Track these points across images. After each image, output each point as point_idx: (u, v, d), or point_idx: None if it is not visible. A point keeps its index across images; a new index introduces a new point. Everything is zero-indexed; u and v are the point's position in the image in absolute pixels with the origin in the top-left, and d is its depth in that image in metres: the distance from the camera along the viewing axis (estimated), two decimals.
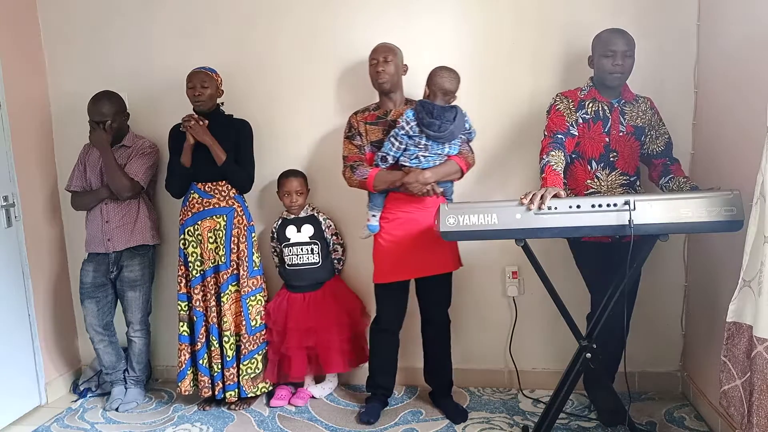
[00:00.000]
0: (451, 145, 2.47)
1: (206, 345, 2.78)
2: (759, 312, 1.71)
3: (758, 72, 2.03)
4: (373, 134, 2.57)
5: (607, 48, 2.30)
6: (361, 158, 2.58)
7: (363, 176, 2.51)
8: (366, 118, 2.60)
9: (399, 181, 2.45)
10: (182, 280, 2.79)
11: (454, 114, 2.40)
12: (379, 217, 2.56)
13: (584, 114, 2.37)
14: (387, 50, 2.52)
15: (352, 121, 2.62)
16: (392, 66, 2.50)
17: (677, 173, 2.37)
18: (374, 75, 2.53)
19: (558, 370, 2.80)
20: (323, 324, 2.79)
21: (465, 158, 2.53)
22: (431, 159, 2.45)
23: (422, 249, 2.49)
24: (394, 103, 2.58)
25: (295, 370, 2.81)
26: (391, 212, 2.55)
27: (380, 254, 2.59)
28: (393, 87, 2.54)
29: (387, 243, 2.56)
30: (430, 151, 2.43)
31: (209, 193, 2.74)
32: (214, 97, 2.72)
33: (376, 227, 2.57)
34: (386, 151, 2.47)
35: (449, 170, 2.49)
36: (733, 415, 1.87)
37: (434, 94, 2.41)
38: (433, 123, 2.36)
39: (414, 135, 2.41)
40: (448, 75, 2.41)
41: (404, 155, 2.46)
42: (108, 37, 3.06)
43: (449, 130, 2.38)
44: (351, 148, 2.60)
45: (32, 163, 3.03)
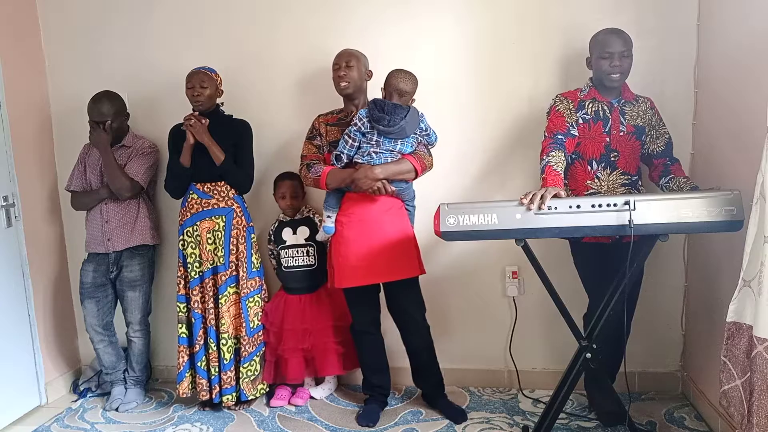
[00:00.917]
0: (404, 143, 2.46)
1: (204, 347, 2.77)
2: (759, 312, 1.71)
3: (758, 72, 2.03)
4: (332, 135, 2.59)
5: (603, 50, 2.31)
6: (318, 157, 2.59)
7: (317, 174, 2.52)
8: (328, 119, 2.62)
9: (350, 178, 2.44)
10: (181, 281, 2.78)
11: (406, 112, 2.40)
12: (335, 219, 2.55)
13: (584, 114, 2.37)
14: (349, 56, 2.53)
15: (315, 122, 2.65)
16: (354, 71, 2.51)
17: (677, 173, 2.37)
18: (336, 80, 2.54)
19: (558, 370, 2.80)
20: (319, 326, 2.79)
21: (420, 158, 2.50)
22: (383, 156, 2.43)
23: (380, 254, 2.46)
24: (357, 106, 2.59)
25: (292, 371, 2.81)
26: (346, 213, 2.53)
27: (337, 258, 2.55)
28: (355, 92, 2.55)
29: (344, 246, 2.52)
30: (382, 147, 2.43)
31: (208, 193, 2.74)
32: (213, 98, 2.72)
33: (331, 228, 2.55)
34: (341, 149, 2.47)
35: (401, 168, 2.46)
36: (733, 415, 1.87)
37: (390, 94, 2.44)
38: (382, 117, 2.36)
39: (366, 131, 2.42)
40: (403, 76, 2.44)
41: (358, 153, 2.46)
42: (108, 37, 3.06)
43: (399, 125, 2.38)
44: (310, 148, 2.62)
45: (32, 163, 3.03)
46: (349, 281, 2.52)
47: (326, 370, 2.85)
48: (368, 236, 2.48)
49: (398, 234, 2.50)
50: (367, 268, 2.48)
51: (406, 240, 2.52)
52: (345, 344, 2.83)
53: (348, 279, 2.52)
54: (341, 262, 2.53)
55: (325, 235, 2.60)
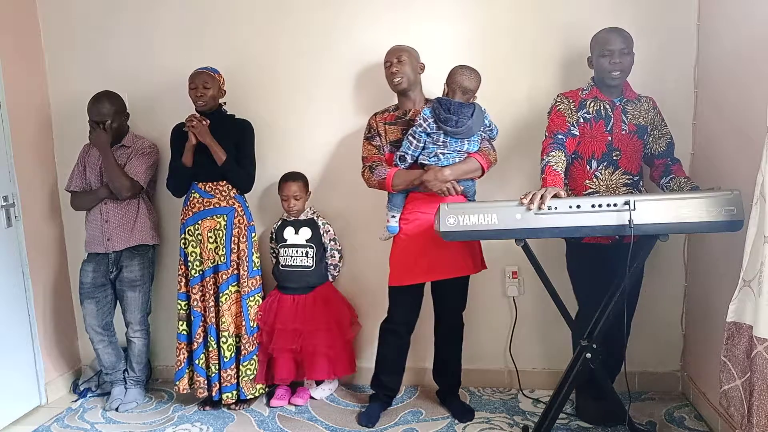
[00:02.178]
0: (471, 142, 2.44)
1: (203, 345, 2.77)
2: (759, 312, 1.71)
3: (758, 72, 2.03)
4: (392, 134, 2.55)
5: (604, 48, 2.31)
6: (380, 158, 2.55)
7: (381, 176, 2.48)
8: (385, 118, 2.58)
9: (418, 180, 2.42)
10: (182, 279, 2.79)
11: (472, 110, 2.37)
12: (399, 218, 2.53)
13: (585, 113, 2.37)
14: (400, 51, 2.51)
15: (372, 122, 2.60)
16: (407, 66, 2.49)
17: (678, 173, 2.37)
18: (389, 76, 2.51)
19: (558, 370, 2.80)
20: (309, 328, 2.78)
21: (486, 155, 2.48)
22: (450, 156, 2.41)
23: (442, 252, 2.44)
24: (413, 102, 2.55)
25: (280, 371, 2.80)
26: (411, 213, 2.51)
27: (398, 256, 2.54)
28: (410, 86, 2.51)
29: (406, 245, 2.51)
30: (449, 148, 2.40)
31: (210, 192, 2.74)
32: (216, 98, 2.73)
33: (395, 228, 2.53)
34: (404, 150, 2.44)
35: (469, 168, 2.45)
36: (733, 415, 1.87)
37: (453, 91, 2.39)
38: (450, 118, 2.33)
39: (432, 132, 2.39)
40: (468, 73, 2.40)
41: (423, 153, 2.43)
42: (108, 37, 3.06)
43: (467, 125, 2.36)
44: (370, 149, 2.57)
45: (32, 163, 3.03)
46: (409, 279, 2.51)
47: (314, 373, 2.83)
48: (434, 235, 2.42)
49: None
50: (429, 266, 2.47)
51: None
52: (336, 350, 2.82)
53: (408, 277, 2.51)
54: (401, 260, 2.52)
55: (388, 235, 2.58)
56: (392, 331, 2.66)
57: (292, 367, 2.82)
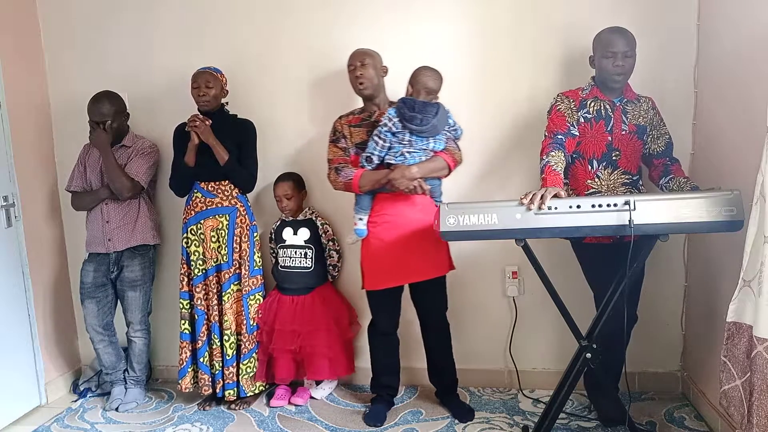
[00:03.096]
0: (436, 141, 2.45)
1: (207, 343, 2.78)
2: (759, 312, 1.71)
3: (758, 72, 2.03)
4: (357, 136, 2.56)
5: (607, 49, 2.30)
6: (345, 160, 2.56)
7: (348, 177, 2.48)
8: (350, 121, 2.59)
9: (385, 179, 2.41)
10: (184, 278, 2.79)
11: (436, 109, 2.40)
12: (366, 221, 2.53)
13: (586, 113, 2.37)
14: (363, 55, 2.52)
15: (336, 125, 2.61)
16: (370, 69, 2.50)
17: (677, 173, 2.37)
18: (353, 80, 2.52)
19: (558, 370, 2.80)
20: (309, 329, 2.78)
21: (452, 154, 2.50)
22: (417, 155, 2.43)
23: (413, 253, 2.46)
24: (378, 105, 2.57)
25: (280, 371, 2.80)
26: (379, 214, 2.51)
27: (369, 260, 2.54)
28: (374, 90, 2.53)
29: (376, 248, 2.51)
30: (415, 146, 2.42)
31: (212, 192, 2.74)
32: (218, 98, 2.73)
33: (363, 231, 2.53)
34: (371, 150, 2.45)
35: (436, 166, 2.46)
36: (733, 415, 1.87)
37: (417, 92, 2.42)
38: (414, 117, 2.35)
39: (397, 131, 2.40)
40: (432, 74, 2.43)
41: (389, 153, 2.44)
42: (108, 37, 3.06)
43: (431, 123, 2.38)
44: (336, 151, 2.58)
45: (32, 163, 3.03)
46: (383, 282, 2.50)
47: (314, 373, 2.84)
48: (403, 236, 2.46)
49: (432, 231, 2.48)
50: (399, 270, 2.47)
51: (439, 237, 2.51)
52: (336, 350, 2.83)
53: (382, 280, 2.50)
54: (373, 264, 2.52)
55: (356, 238, 2.57)
56: (378, 334, 2.68)
57: (292, 367, 2.82)
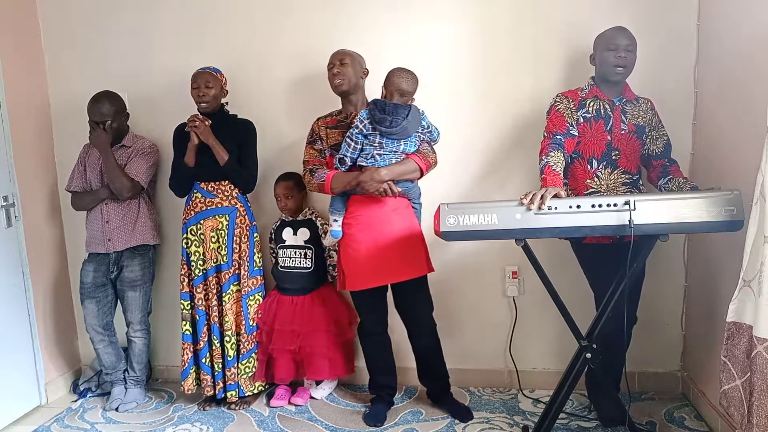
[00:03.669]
0: (407, 143, 2.44)
1: (208, 344, 2.78)
2: (759, 312, 1.71)
3: (758, 72, 2.03)
4: (332, 138, 2.56)
5: (610, 42, 2.31)
6: (320, 162, 2.56)
7: (321, 179, 2.48)
8: (327, 122, 2.60)
9: (355, 181, 2.41)
10: (185, 279, 2.79)
11: (407, 111, 2.38)
12: (341, 222, 2.53)
13: (585, 113, 2.37)
14: (343, 54, 2.52)
15: (314, 126, 2.62)
16: (349, 68, 2.49)
17: (676, 174, 2.37)
18: (331, 78, 2.52)
19: (558, 370, 2.81)
20: (308, 329, 2.78)
21: (424, 157, 2.48)
22: (387, 157, 2.42)
23: (389, 254, 2.45)
24: (355, 106, 2.57)
25: (280, 371, 2.80)
26: (353, 216, 2.51)
27: (347, 261, 2.53)
28: (351, 89, 2.52)
29: (352, 249, 2.50)
30: (385, 149, 2.41)
31: (212, 192, 2.74)
32: (218, 98, 2.73)
33: (339, 233, 2.53)
34: (343, 152, 2.44)
35: (406, 169, 2.45)
36: (733, 415, 1.87)
37: (390, 94, 2.41)
38: (384, 119, 2.34)
39: (368, 133, 2.40)
40: (405, 75, 2.41)
41: (361, 155, 2.43)
42: (108, 37, 3.06)
43: (401, 126, 2.36)
44: (311, 153, 2.59)
45: (32, 163, 3.03)
46: (361, 284, 2.50)
47: (314, 374, 2.84)
48: (377, 237, 2.46)
49: (407, 233, 2.49)
50: (378, 270, 2.47)
51: (415, 238, 2.51)
52: (335, 350, 2.83)
53: (359, 281, 2.50)
54: (351, 265, 2.51)
55: (332, 240, 2.57)
56: (368, 334, 2.68)
57: (292, 367, 2.82)
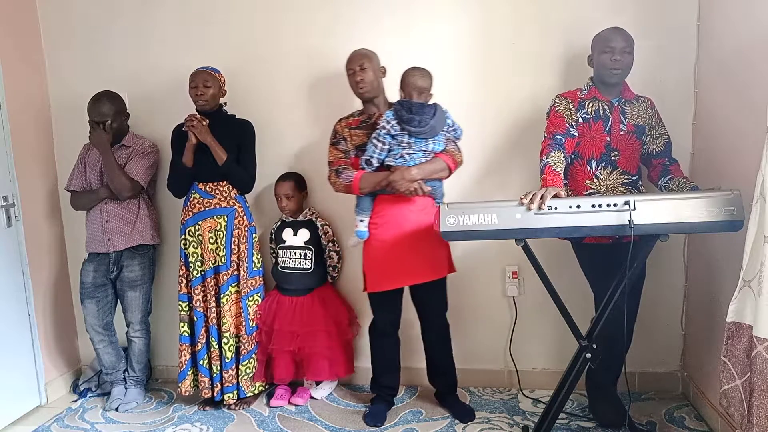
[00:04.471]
0: (435, 142, 2.45)
1: (206, 346, 2.78)
2: (759, 312, 1.71)
3: (758, 72, 2.03)
4: (357, 138, 2.55)
5: (606, 44, 2.31)
6: (346, 162, 2.55)
7: (348, 180, 2.48)
8: (350, 123, 2.59)
9: (385, 181, 2.41)
10: (183, 280, 2.79)
11: (433, 110, 2.40)
12: (367, 222, 2.52)
13: (584, 114, 2.37)
14: (362, 57, 2.51)
15: (337, 127, 2.61)
16: (369, 72, 2.49)
17: (676, 173, 2.37)
18: (353, 84, 2.52)
19: (558, 370, 2.80)
20: (308, 330, 2.78)
21: (452, 155, 2.50)
22: (416, 156, 2.42)
23: (414, 255, 2.45)
24: (378, 107, 2.57)
25: (279, 371, 2.80)
26: (380, 216, 2.51)
27: (371, 262, 2.54)
28: (374, 92, 2.53)
29: (377, 249, 2.50)
30: (414, 148, 2.41)
31: (210, 193, 2.74)
32: (216, 97, 2.73)
33: (365, 233, 2.53)
34: (370, 153, 2.44)
35: (436, 167, 2.46)
36: (733, 415, 1.87)
37: (409, 93, 2.41)
38: (412, 119, 2.35)
39: (396, 134, 2.40)
40: (420, 73, 2.42)
41: (389, 156, 2.43)
42: (108, 37, 3.06)
43: (429, 125, 2.37)
44: (336, 153, 2.57)
45: (32, 163, 3.03)
46: (385, 284, 2.50)
47: (314, 374, 2.84)
48: (404, 237, 2.46)
49: (432, 233, 2.48)
50: (403, 270, 2.47)
51: (440, 238, 2.50)
52: (335, 350, 2.83)
53: (384, 282, 2.50)
54: (376, 265, 2.51)
55: (357, 240, 2.56)
56: (380, 334, 2.68)
57: (291, 368, 2.82)
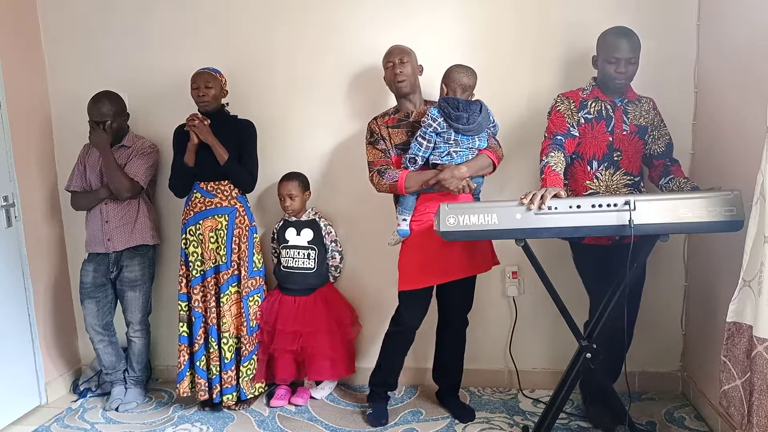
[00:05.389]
0: (480, 139, 2.43)
1: (204, 346, 2.77)
2: (759, 312, 1.71)
3: (758, 72, 2.03)
4: (396, 137, 2.51)
5: (611, 54, 2.28)
6: (387, 162, 2.50)
7: (393, 179, 2.43)
8: (387, 122, 2.54)
9: (433, 179, 2.38)
10: (183, 279, 2.79)
11: (479, 106, 2.38)
12: (410, 221, 2.49)
13: (587, 114, 2.37)
14: (402, 52, 2.49)
15: (373, 126, 2.55)
16: (409, 67, 2.47)
17: (677, 174, 2.37)
18: (392, 77, 2.49)
19: (558, 370, 2.81)
20: (311, 329, 2.78)
21: (495, 151, 2.48)
22: (464, 154, 2.40)
23: (455, 250, 2.42)
24: (414, 104, 2.54)
25: (281, 371, 2.80)
26: (425, 214, 2.46)
27: (410, 258, 2.50)
28: (412, 88, 2.50)
29: (418, 246, 2.47)
30: (461, 146, 2.39)
31: (212, 192, 2.74)
32: (218, 98, 2.73)
33: (407, 231, 2.49)
34: (414, 152, 2.40)
35: (482, 164, 2.43)
36: (733, 415, 1.87)
37: (453, 90, 2.38)
38: (461, 116, 2.32)
39: (442, 131, 2.37)
40: (465, 71, 2.40)
41: (434, 153, 2.40)
42: (108, 37, 3.06)
43: (477, 122, 2.35)
44: (376, 153, 2.51)
45: (32, 163, 3.03)
46: (427, 281, 2.48)
47: (316, 374, 2.84)
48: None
49: None
50: (445, 267, 2.44)
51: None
52: (337, 350, 2.83)
53: (421, 279, 2.47)
54: (416, 263, 2.47)
55: (399, 239, 2.53)
56: (400, 333, 2.62)
57: (293, 368, 2.83)
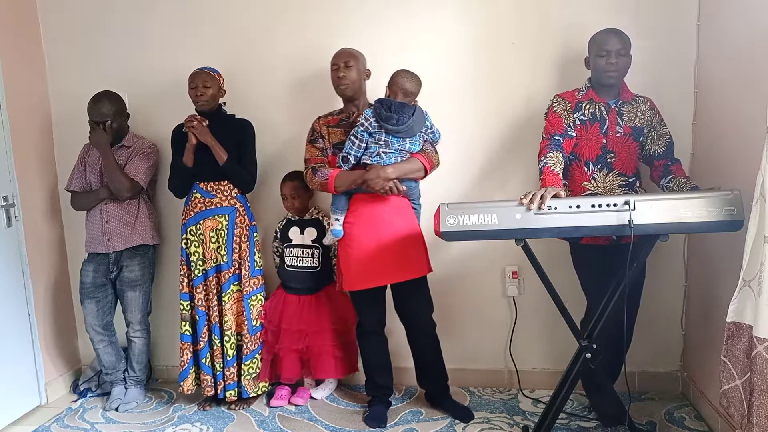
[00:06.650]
0: (412, 142, 2.45)
1: (208, 344, 2.78)
2: (759, 312, 1.71)
3: (758, 72, 2.03)
4: (335, 137, 2.55)
5: (601, 48, 2.31)
6: (322, 160, 2.55)
7: (324, 177, 2.47)
8: (328, 121, 2.59)
9: (360, 179, 2.40)
10: (184, 279, 2.79)
11: (412, 110, 2.40)
12: (343, 221, 2.52)
13: (581, 116, 2.37)
14: (348, 56, 2.50)
15: (315, 124, 2.60)
16: (353, 71, 2.49)
17: (678, 173, 2.37)
18: (335, 80, 2.51)
19: (558, 370, 2.80)
20: (316, 328, 2.79)
21: (428, 156, 2.49)
22: (393, 156, 2.42)
23: (390, 254, 2.45)
24: (357, 107, 2.57)
25: (286, 371, 2.81)
26: (355, 215, 2.50)
27: (347, 260, 2.52)
28: (355, 93, 2.53)
29: (353, 248, 2.49)
30: (391, 147, 2.41)
31: (211, 192, 2.74)
32: (216, 98, 2.73)
33: (340, 232, 2.52)
34: (347, 150, 2.45)
35: (412, 167, 2.45)
36: (733, 415, 1.87)
37: (395, 93, 2.42)
38: (390, 117, 2.35)
39: (374, 131, 2.40)
40: (410, 77, 2.43)
41: (366, 153, 2.44)
42: (108, 37, 3.06)
43: (407, 124, 2.38)
44: (313, 151, 2.57)
45: (32, 163, 3.03)
46: (360, 283, 2.49)
47: (321, 373, 2.85)
48: (378, 237, 2.45)
49: (408, 233, 2.48)
50: (378, 270, 2.46)
51: (416, 239, 2.51)
52: (342, 349, 2.83)
53: (358, 281, 2.49)
54: (351, 264, 2.50)
55: (333, 239, 2.57)
56: (367, 334, 2.67)
57: (298, 367, 2.83)
